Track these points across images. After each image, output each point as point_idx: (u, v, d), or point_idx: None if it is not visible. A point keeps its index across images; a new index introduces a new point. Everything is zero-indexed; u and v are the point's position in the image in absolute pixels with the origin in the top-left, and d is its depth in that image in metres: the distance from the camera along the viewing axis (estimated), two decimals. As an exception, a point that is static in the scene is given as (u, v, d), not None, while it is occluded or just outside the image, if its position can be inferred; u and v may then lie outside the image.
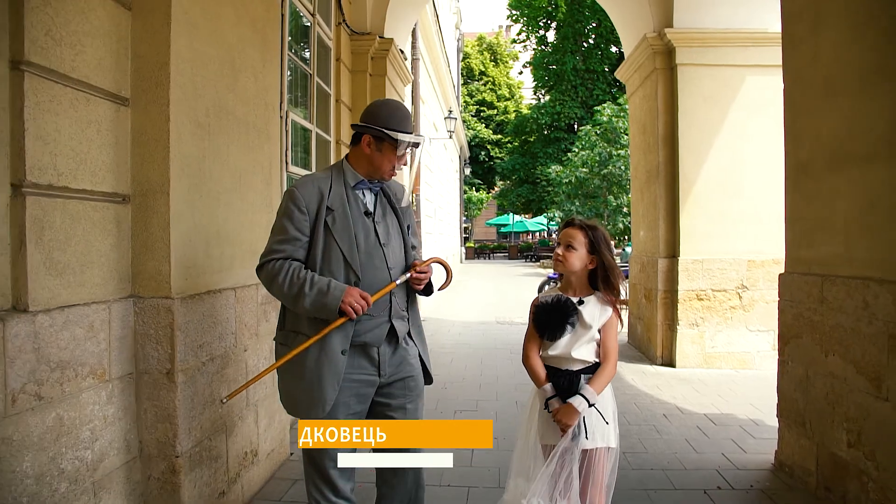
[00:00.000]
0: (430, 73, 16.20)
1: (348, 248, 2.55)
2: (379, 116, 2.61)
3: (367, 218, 2.64)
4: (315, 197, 2.57)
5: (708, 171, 7.17)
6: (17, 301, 2.24)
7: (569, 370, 2.62)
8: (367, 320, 2.58)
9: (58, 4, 2.39)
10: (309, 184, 2.62)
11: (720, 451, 4.55)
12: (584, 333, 2.63)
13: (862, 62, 3.33)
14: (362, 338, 2.59)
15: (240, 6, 3.64)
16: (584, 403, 2.54)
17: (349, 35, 7.30)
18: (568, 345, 2.62)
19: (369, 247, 2.61)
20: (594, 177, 20.96)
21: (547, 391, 2.62)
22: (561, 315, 2.63)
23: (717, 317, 7.20)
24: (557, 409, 2.56)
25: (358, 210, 2.63)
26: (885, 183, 3.14)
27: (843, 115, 3.51)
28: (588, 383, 2.59)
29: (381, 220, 2.70)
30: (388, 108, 2.66)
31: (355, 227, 2.58)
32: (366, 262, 2.59)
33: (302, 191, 2.57)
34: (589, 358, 2.63)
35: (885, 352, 3.08)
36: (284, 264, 2.53)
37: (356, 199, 2.65)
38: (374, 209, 2.70)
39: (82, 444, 2.50)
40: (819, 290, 3.72)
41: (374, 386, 2.66)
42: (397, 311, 2.68)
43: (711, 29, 7.14)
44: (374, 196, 2.72)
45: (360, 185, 2.67)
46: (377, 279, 2.60)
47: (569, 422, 2.52)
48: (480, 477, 4.08)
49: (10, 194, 2.23)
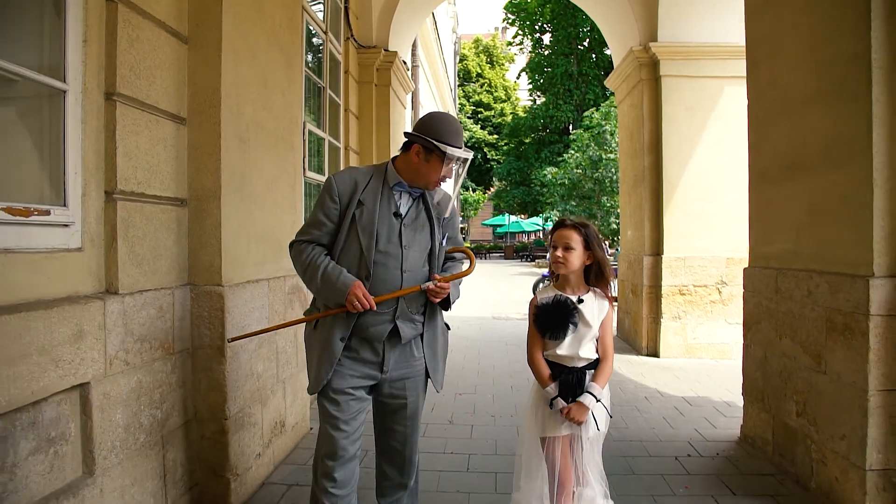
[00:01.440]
0: (428, 79, 16.75)
1: (367, 244, 2.62)
2: (432, 128, 2.65)
3: (395, 218, 2.70)
4: (349, 187, 2.68)
5: (690, 175, 7.74)
6: (110, 285, 2.78)
7: (575, 367, 2.74)
8: (372, 316, 2.65)
9: (138, 45, 2.93)
10: (347, 175, 2.74)
11: (693, 427, 5.11)
12: (588, 332, 2.74)
13: (806, 87, 3.89)
14: (366, 332, 2.68)
15: (271, 34, 4.18)
16: (594, 400, 2.69)
17: (356, 49, 7.85)
18: (574, 345, 2.73)
19: (389, 246, 2.66)
20: (587, 179, 21.51)
21: (551, 391, 2.74)
22: (562, 315, 2.72)
23: (699, 310, 7.76)
24: (569, 407, 2.67)
25: (388, 209, 2.69)
26: (824, 190, 3.70)
27: (792, 130, 4.07)
28: (593, 379, 2.73)
29: (410, 223, 2.73)
30: (442, 121, 2.68)
31: (380, 224, 2.66)
32: (381, 260, 2.65)
33: (338, 180, 2.70)
34: (592, 355, 2.75)
35: (824, 333, 3.64)
36: (307, 247, 2.70)
37: (390, 198, 2.72)
38: (407, 212, 2.74)
39: (154, 404, 3.04)
40: (774, 282, 4.28)
41: (374, 380, 2.76)
42: (405, 313, 2.72)
43: (693, 43, 7.70)
44: (411, 200, 2.77)
45: (398, 186, 2.73)
46: (388, 279, 2.66)
47: (582, 419, 2.66)
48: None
49: (105, 200, 2.78)
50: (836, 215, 3.58)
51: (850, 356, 3.37)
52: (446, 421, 5.24)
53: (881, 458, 3.22)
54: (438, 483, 3.96)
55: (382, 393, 2.82)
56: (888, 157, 3.22)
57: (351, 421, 2.70)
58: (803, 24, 3.93)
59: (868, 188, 3.25)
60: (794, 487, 3.88)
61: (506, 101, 44.18)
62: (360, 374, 2.72)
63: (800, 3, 3.97)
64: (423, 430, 4.91)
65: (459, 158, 2.67)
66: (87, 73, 2.66)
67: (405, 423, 2.88)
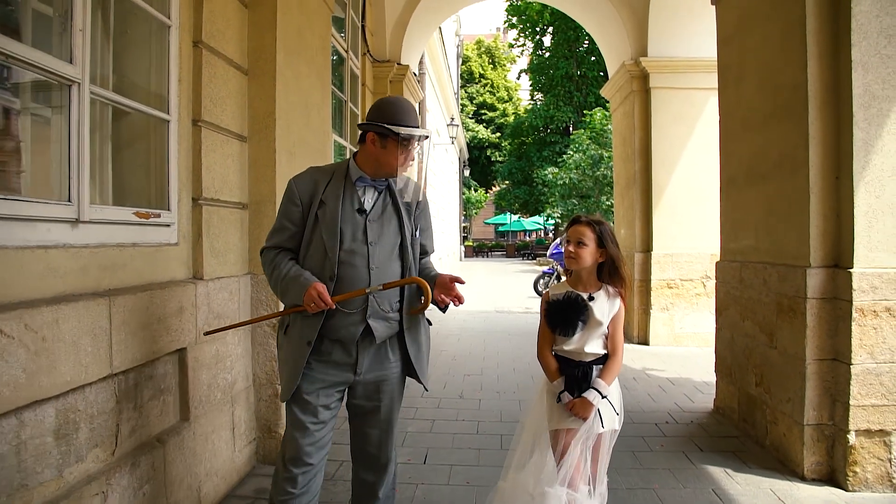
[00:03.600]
0: (434, 85, 17.49)
1: (331, 243, 2.55)
2: (383, 112, 2.58)
3: (359, 215, 2.62)
4: (310, 188, 2.63)
5: (677, 178, 8.46)
6: (196, 273, 3.52)
7: (582, 362, 2.76)
8: (342, 317, 2.57)
9: (215, 80, 3.66)
10: (307, 175, 2.70)
11: (674, 401, 5.84)
12: (596, 329, 2.75)
13: (763, 108, 4.61)
14: (336, 334, 2.60)
15: (310, 61, 4.90)
16: (598, 396, 2.70)
17: (372, 63, 8.58)
18: (580, 340, 2.75)
19: (354, 244, 2.59)
20: (587, 179, 22.19)
21: (558, 385, 2.78)
22: (572, 312, 2.74)
23: (685, 302, 8.49)
24: (573, 402, 2.70)
25: (351, 206, 2.62)
26: (776, 195, 4.42)
27: (753, 144, 4.80)
28: (599, 376, 2.74)
29: (375, 219, 2.65)
30: (391, 103, 2.63)
31: (343, 222, 2.58)
32: (346, 259, 2.57)
33: (298, 182, 2.66)
34: (599, 351, 2.77)
35: (775, 314, 4.37)
36: (271, 253, 2.67)
37: (353, 194, 2.64)
38: (372, 207, 2.67)
39: (227, 369, 3.78)
40: (739, 273, 5.00)
41: (346, 384, 2.68)
42: (377, 311, 2.62)
43: (679, 58, 8.42)
44: (376, 194, 2.70)
45: (360, 181, 2.66)
46: (355, 277, 2.57)
47: (585, 414, 2.68)
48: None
49: (192, 205, 3.51)
50: (784, 217, 4.31)
51: (793, 333, 4.10)
52: (457, 396, 5.98)
53: (815, 415, 3.94)
54: (453, 442, 4.70)
55: (356, 395, 2.73)
56: (821, 170, 3.94)
57: (319, 427, 2.63)
58: (760, 57, 4.66)
59: (807, 195, 3.98)
60: (752, 446, 4.60)
61: (508, 102, 44.85)
62: (332, 378, 2.64)
63: (758, 39, 4.70)
64: (436, 403, 5.68)
65: (415, 137, 2.59)
66: (182, 105, 3.39)
67: (380, 427, 2.77)
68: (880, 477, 3.79)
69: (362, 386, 2.70)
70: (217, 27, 3.68)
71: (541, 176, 29.24)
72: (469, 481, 3.97)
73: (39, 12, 2.66)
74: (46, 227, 2.38)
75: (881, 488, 3.78)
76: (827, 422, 3.94)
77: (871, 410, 3.78)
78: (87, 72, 2.56)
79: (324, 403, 2.63)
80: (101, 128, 2.96)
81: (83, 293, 2.54)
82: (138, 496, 2.82)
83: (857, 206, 3.79)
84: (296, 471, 2.61)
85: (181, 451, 3.20)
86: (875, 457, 3.79)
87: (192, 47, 3.50)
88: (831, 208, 3.95)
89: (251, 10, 4.14)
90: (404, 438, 4.72)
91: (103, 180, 2.96)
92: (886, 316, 3.76)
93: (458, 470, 4.17)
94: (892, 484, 3.78)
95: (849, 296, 3.78)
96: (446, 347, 8.43)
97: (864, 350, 3.77)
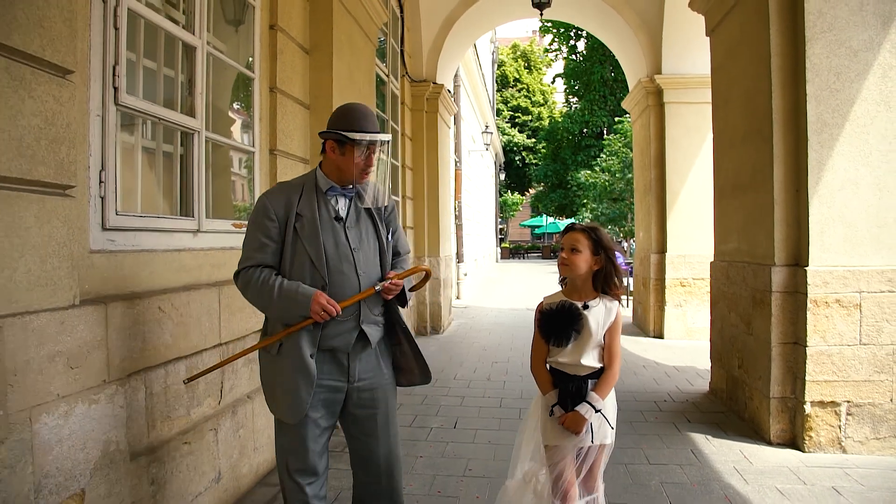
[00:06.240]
0: (469, 94, 18.41)
1: (316, 253, 2.55)
2: (338, 119, 2.62)
3: (337, 223, 2.63)
4: (283, 204, 2.59)
5: (689, 186, 9.22)
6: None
7: (576, 376, 2.68)
8: (335, 325, 2.57)
9: (286, 117, 4.61)
10: (278, 192, 2.67)
11: (675, 385, 6.64)
12: (590, 340, 2.66)
13: (743, 129, 5.40)
14: (330, 342, 2.59)
15: (358, 92, 5.83)
16: (591, 410, 2.62)
17: (410, 83, 9.53)
18: (575, 352, 2.67)
19: (339, 252, 2.60)
20: (618, 181, 22.79)
21: (550, 399, 2.71)
22: (566, 321, 2.66)
23: (697, 299, 9.23)
24: (565, 417, 2.63)
25: (328, 215, 2.63)
26: (752, 205, 5.20)
27: (736, 160, 5.59)
28: (594, 389, 2.65)
29: (353, 225, 2.67)
30: (345, 111, 2.66)
31: (324, 232, 2.59)
32: (334, 266, 2.58)
33: (270, 199, 2.62)
34: (595, 364, 2.68)
35: (751, 306, 5.15)
36: (254, 271, 2.58)
37: (327, 204, 2.65)
38: (347, 214, 2.68)
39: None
40: (727, 271, 5.79)
41: (342, 392, 2.66)
42: (368, 315, 2.65)
43: (691, 74, 9.17)
44: (347, 201, 2.70)
45: (331, 190, 2.67)
46: (346, 284, 2.58)
47: (577, 429, 2.61)
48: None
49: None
50: (758, 223, 5.09)
51: (763, 321, 4.88)
52: (485, 379, 6.87)
53: (780, 389, 4.72)
54: (479, 413, 5.59)
55: (351, 402, 2.71)
56: (784, 184, 4.72)
57: (318, 438, 2.66)
58: (741, 85, 5.45)
59: (771, 205, 4.76)
60: (734, 419, 5.38)
61: (543, 105, 45.42)
62: (326, 389, 2.63)
63: (739, 69, 5.49)
64: (466, 383, 6.57)
65: (370, 142, 2.58)
66: (262, 139, 4.34)
67: (377, 433, 2.75)
68: (832, 440, 4.55)
69: (356, 393, 2.69)
70: (287, 74, 4.63)
71: (575, 178, 29.84)
72: (490, 441, 4.84)
73: (169, 77, 3.64)
74: (179, 237, 3.35)
75: (832, 450, 4.54)
76: (789, 395, 4.72)
77: (824, 385, 4.54)
78: (203, 123, 3.52)
79: (321, 413, 2.64)
80: (208, 159, 3.93)
81: (201, 284, 3.50)
82: (236, 436, 3.77)
83: (811, 215, 4.56)
84: (304, 481, 2.66)
85: (264, 407, 4.14)
86: (827, 424, 4.55)
87: (269, 92, 4.45)
88: (793, 216, 4.72)
89: (311, 56, 5.09)
90: (438, 409, 5.64)
91: (209, 199, 3.92)
92: (836, 306, 4.53)
93: (482, 433, 5.05)
94: (841, 446, 4.54)
95: (805, 289, 4.55)
96: (479, 340, 9.37)
97: (818, 335, 4.53)
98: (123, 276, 2.90)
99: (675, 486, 4.00)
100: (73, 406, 2.45)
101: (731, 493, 3.91)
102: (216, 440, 3.55)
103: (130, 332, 2.83)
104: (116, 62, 2.82)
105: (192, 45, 3.56)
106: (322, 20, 5.10)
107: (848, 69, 4.54)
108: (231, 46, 4.30)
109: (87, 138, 2.70)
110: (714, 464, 4.39)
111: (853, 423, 4.52)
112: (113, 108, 2.82)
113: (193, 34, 3.57)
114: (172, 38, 3.50)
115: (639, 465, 4.35)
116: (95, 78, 2.74)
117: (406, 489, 3.89)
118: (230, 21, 4.30)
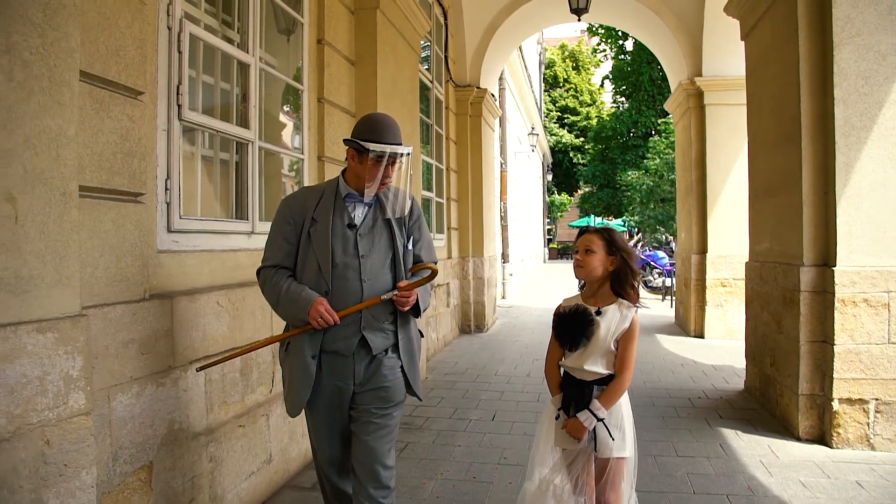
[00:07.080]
0: (514, 96, 18.62)
1: (323, 259, 2.61)
2: (359, 129, 2.65)
3: (349, 230, 2.67)
4: (301, 207, 2.68)
5: (729, 187, 9.27)
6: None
7: (582, 381, 2.66)
8: (336, 329, 2.61)
9: (333, 125, 4.93)
10: (299, 196, 2.76)
11: (711, 383, 6.76)
12: (598, 347, 2.62)
13: (775, 133, 5.52)
14: (333, 346, 2.66)
15: (401, 100, 6.13)
16: (592, 419, 2.57)
17: (454, 88, 9.81)
18: (580, 357, 2.65)
19: (346, 258, 2.63)
20: (665, 182, 22.63)
21: (556, 402, 2.73)
22: (577, 326, 2.64)
23: (737, 299, 9.25)
24: (567, 422, 2.63)
25: (341, 222, 2.67)
26: (783, 207, 5.32)
27: (768, 163, 5.70)
28: (598, 397, 2.60)
29: (366, 233, 2.69)
30: (368, 121, 2.68)
31: (333, 238, 2.63)
32: (339, 273, 2.62)
33: (290, 203, 2.73)
34: (602, 370, 2.63)
35: (782, 305, 5.27)
36: (270, 271, 2.70)
37: (343, 210, 2.69)
38: (362, 222, 2.70)
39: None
40: (760, 272, 5.90)
41: (347, 393, 2.71)
42: (371, 323, 2.66)
43: (731, 76, 9.21)
44: (366, 209, 2.73)
45: (349, 197, 2.71)
46: (347, 291, 2.62)
47: (577, 435, 2.60)
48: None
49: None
50: (788, 224, 5.21)
51: (792, 320, 5.00)
52: (525, 375, 7.12)
53: (808, 386, 4.84)
54: (517, 407, 5.84)
55: (354, 403, 2.75)
56: (812, 186, 4.84)
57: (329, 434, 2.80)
58: (772, 90, 5.57)
59: (801, 206, 4.88)
60: (765, 415, 5.50)
61: (591, 105, 45.19)
62: (331, 388, 2.70)
63: (771, 74, 5.61)
64: (506, 379, 6.82)
65: (390, 154, 2.57)
66: (310, 146, 4.67)
67: (375, 438, 2.73)
68: (860, 437, 4.65)
69: (360, 396, 2.72)
70: (333, 85, 4.96)
71: (623, 178, 29.71)
72: (526, 433, 5.08)
73: (225, 91, 3.98)
74: (235, 238, 3.69)
75: (860, 446, 4.64)
76: (818, 392, 4.83)
77: (852, 383, 4.65)
78: (256, 134, 3.86)
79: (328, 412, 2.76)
80: (261, 166, 4.27)
81: (254, 281, 3.82)
82: (286, 424, 4.10)
83: (839, 216, 4.67)
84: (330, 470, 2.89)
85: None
86: (855, 420, 4.66)
87: (317, 102, 4.78)
88: (821, 217, 4.84)
89: (356, 67, 5.41)
90: (478, 403, 5.91)
91: (262, 203, 4.26)
92: (864, 305, 4.63)
93: (519, 425, 5.29)
94: (869, 443, 4.64)
95: (833, 289, 4.66)
96: (521, 338, 9.57)
97: (846, 333, 4.64)
98: (186, 273, 3.25)
99: (700, 477, 4.18)
100: (143, 387, 2.79)
101: (754, 483, 4.07)
102: (268, 425, 3.88)
103: (192, 324, 3.17)
104: (180, 82, 3.17)
105: (246, 63, 3.90)
106: (366, 33, 5.42)
107: (876, 73, 4.63)
108: (281, 60, 4.65)
109: (155, 151, 3.05)
110: (741, 457, 4.54)
111: (882, 421, 4.61)
112: (177, 124, 3.17)
113: (247, 52, 3.91)
114: (229, 56, 3.85)
115: (667, 457, 4.53)
116: (162, 97, 3.10)
117: (443, 475, 4.18)
118: (281, 34, 4.65)
